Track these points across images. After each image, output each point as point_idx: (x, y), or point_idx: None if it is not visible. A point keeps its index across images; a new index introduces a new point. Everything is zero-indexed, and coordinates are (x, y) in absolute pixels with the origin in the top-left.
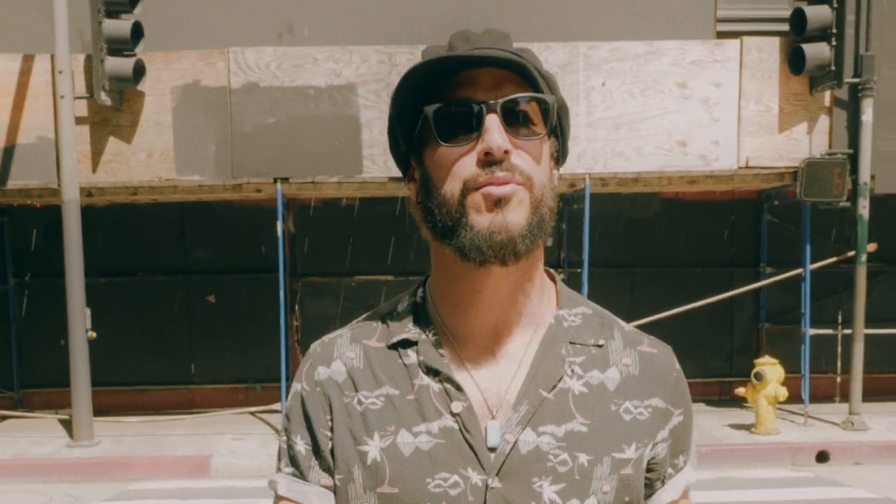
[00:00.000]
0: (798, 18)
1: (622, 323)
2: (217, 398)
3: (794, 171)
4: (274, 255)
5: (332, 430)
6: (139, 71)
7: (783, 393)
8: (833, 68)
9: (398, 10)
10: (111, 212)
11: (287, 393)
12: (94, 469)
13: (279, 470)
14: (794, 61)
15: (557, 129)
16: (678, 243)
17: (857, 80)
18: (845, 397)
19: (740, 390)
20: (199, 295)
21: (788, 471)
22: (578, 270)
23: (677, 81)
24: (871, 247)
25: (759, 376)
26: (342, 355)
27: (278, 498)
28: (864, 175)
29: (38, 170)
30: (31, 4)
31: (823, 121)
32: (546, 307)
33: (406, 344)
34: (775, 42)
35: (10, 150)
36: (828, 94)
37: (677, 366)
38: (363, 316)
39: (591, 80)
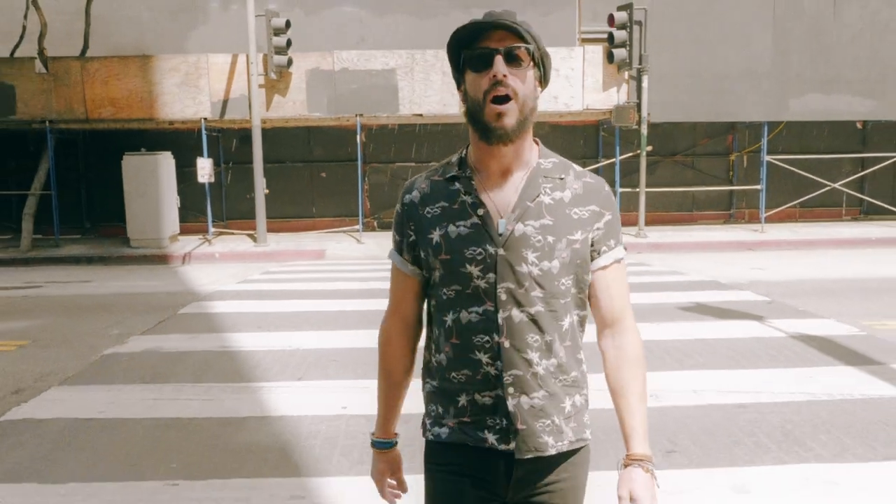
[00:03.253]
0: (611, 36)
1: (576, 166)
2: (326, 224)
3: (611, 111)
4: (355, 152)
5: (413, 230)
6: (289, 62)
7: None
8: (628, 61)
9: (415, 31)
10: (273, 131)
11: (362, 222)
12: (267, 257)
13: (392, 249)
14: (610, 57)
15: (540, 64)
16: (557, 147)
17: (640, 66)
18: (647, 222)
19: None
20: (317, 172)
21: None
22: None
23: (554, 67)
24: (649, 148)
25: None
26: (418, 187)
27: (392, 262)
28: (644, 113)
29: (238, 110)
30: (235, 30)
31: (625, 86)
32: (532, 157)
33: (454, 178)
34: (601, 47)
35: (225, 102)
36: (627, 73)
37: (607, 188)
38: (433, 167)
39: None
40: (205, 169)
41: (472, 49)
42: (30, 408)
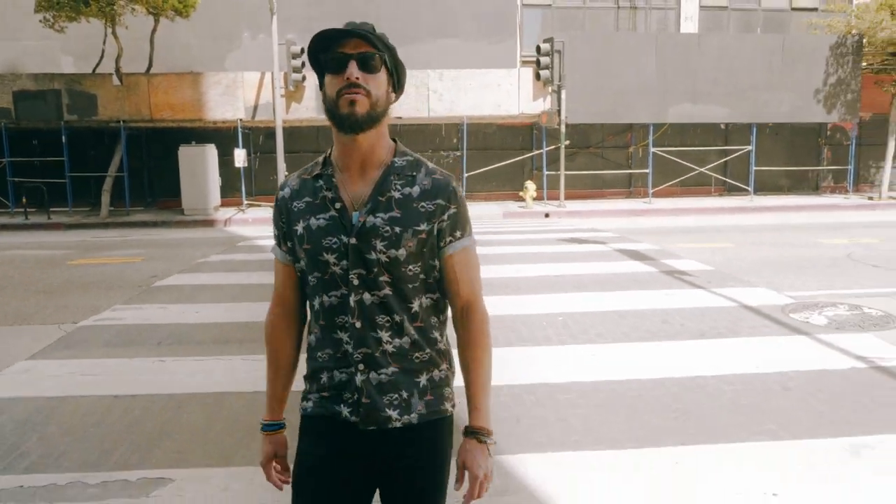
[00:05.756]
0: (538, 61)
1: (430, 164)
2: None
3: (540, 115)
4: None
5: (284, 222)
6: (303, 78)
7: (535, 194)
8: (551, 79)
9: None
10: (292, 129)
11: None
12: None
13: (273, 244)
14: (538, 76)
15: (393, 72)
16: (504, 141)
17: (560, 83)
18: (566, 197)
19: (520, 193)
20: None
21: (534, 221)
22: (458, 153)
23: (497, 83)
24: (567, 142)
25: (527, 187)
26: (290, 185)
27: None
28: (563, 116)
29: (265, 114)
30: (262, 54)
31: (549, 97)
32: (388, 157)
33: (318, 176)
34: (531, 69)
35: (255, 107)
36: (550, 88)
37: (454, 183)
38: (306, 166)
39: (468, 83)
40: (240, 157)
41: (329, 53)
42: (165, 282)
